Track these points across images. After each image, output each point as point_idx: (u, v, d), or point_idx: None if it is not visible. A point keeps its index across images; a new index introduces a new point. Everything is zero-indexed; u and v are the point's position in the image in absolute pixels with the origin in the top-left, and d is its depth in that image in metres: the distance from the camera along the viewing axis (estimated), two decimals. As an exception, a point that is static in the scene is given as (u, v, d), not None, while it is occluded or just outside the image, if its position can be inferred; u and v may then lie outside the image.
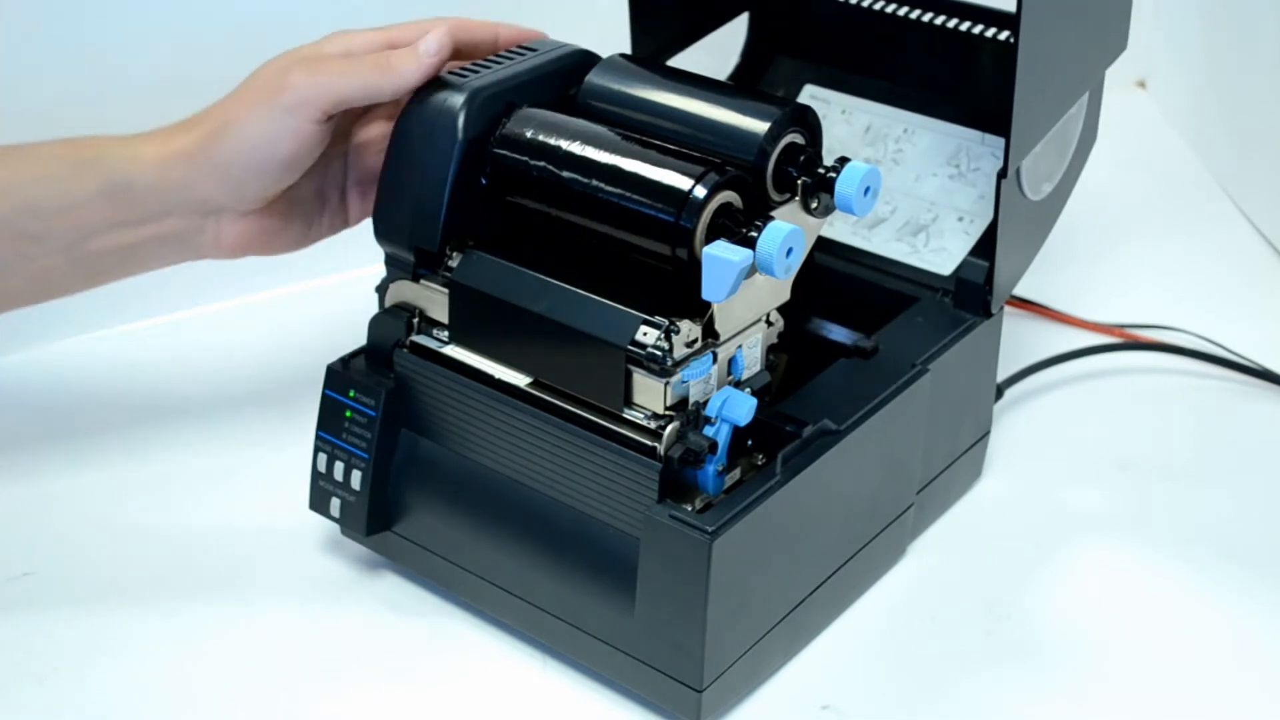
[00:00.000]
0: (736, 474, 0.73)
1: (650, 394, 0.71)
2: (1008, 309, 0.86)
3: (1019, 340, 0.99)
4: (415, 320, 0.79)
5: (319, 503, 0.82)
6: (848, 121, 0.96)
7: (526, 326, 0.74)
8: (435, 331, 0.78)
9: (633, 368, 0.71)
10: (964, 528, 0.87)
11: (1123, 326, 1.03)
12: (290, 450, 0.89)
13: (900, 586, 0.82)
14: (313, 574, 0.83)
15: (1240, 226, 1.17)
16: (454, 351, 0.77)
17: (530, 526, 0.76)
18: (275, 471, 0.89)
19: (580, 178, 0.75)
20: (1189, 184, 1.23)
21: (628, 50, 0.93)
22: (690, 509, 0.70)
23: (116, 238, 0.78)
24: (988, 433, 0.89)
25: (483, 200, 0.78)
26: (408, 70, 0.76)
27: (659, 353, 0.70)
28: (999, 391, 0.91)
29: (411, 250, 0.78)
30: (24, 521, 0.87)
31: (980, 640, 0.79)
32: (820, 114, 0.97)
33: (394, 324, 0.79)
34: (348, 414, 0.79)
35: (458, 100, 0.76)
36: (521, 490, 0.76)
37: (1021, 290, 0.97)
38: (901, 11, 0.94)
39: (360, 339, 0.81)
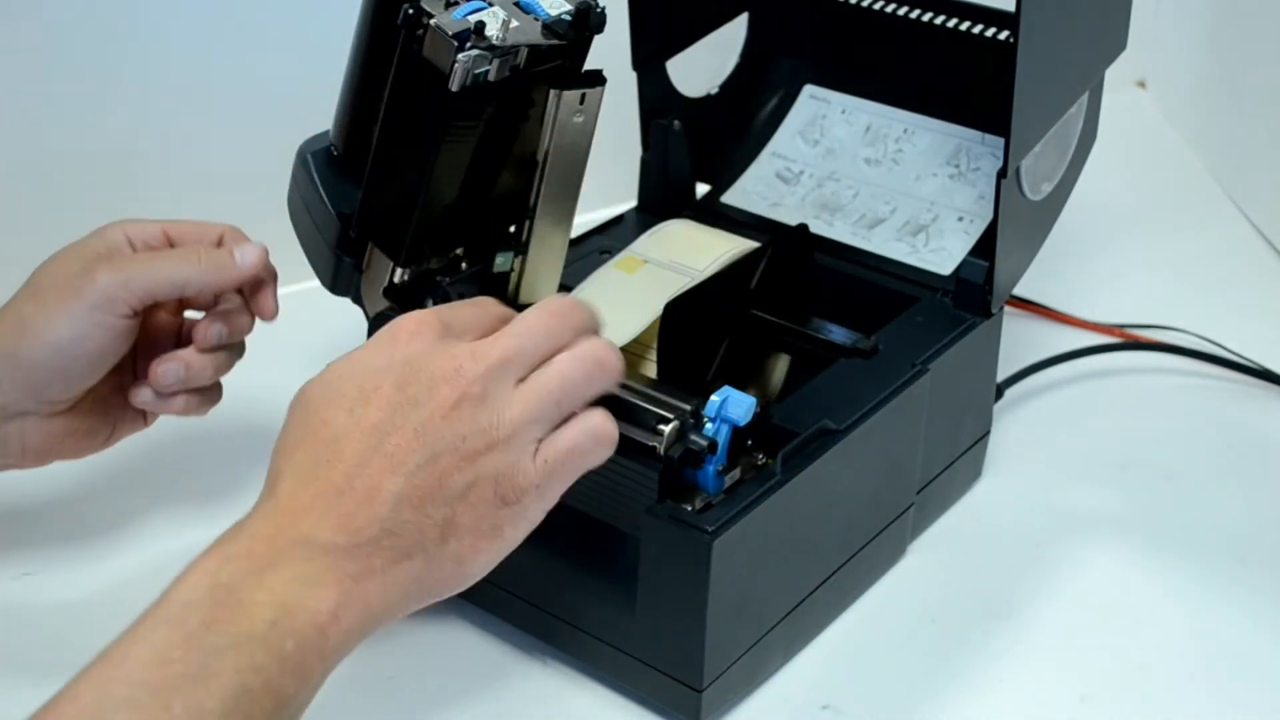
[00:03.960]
0: (736, 474, 0.73)
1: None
2: (1008, 309, 0.86)
3: (1019, 340, 0.99)
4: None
5: (319, 503, 0.81)
6: (848, 121, 0.96)
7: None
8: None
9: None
10: (964, 528, 0.87)
11: (1123, 326, 1.02)
12: (290, 450, 0.89)
13: (900, 586, 0.82)
14: (313, 574, 0.83)
15: (1240, 226, 1.17)
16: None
17: (530, 526, 0.76)
18: (275, 471, 0.89)
19: None
20: (1189, 184, 1.23)
21: (627, 51, 0.93)
22: (690, 509, 0.70)
23: None
24: (988, 433, 0.89)
25: None
26: (226, 267, 0.74)
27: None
28: (999, 391, 0.91)
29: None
30: (24, 522, 0.87)
31: (980, 640, 0.79)
32: (820, 114, 0.97)
33: (394, 324, 0.79)
34: (348, 414, 0.79)
35: None
36: (521, 490, 0.76)
37: (1021, 290, 0.97)
38: (901, 11, 0.94)
39: (360, 339, 0.81)
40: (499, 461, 0.62)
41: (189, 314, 0.79)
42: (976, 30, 0.92)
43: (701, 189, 0.98)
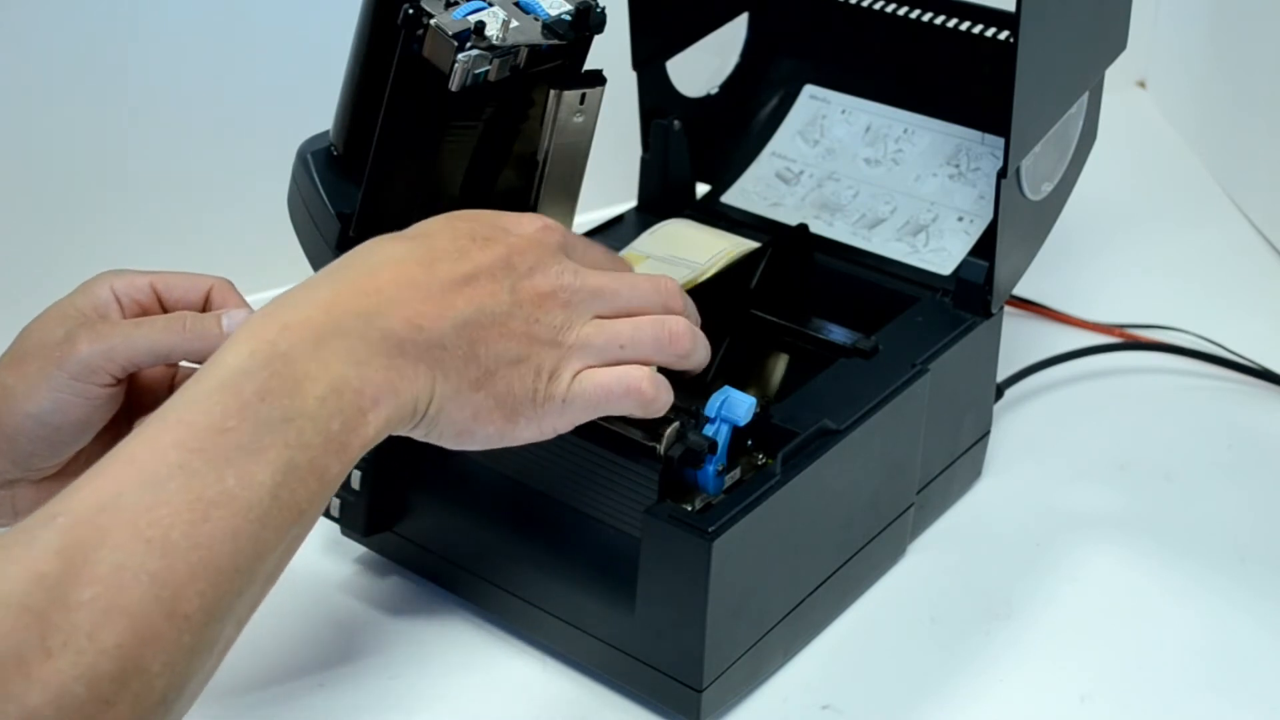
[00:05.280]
0: (736, 474, 0.73)
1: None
2: (1008, 309, 0.86)
3: (1019, 340, 0.99)
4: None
5: (319, 503, 0.81)
6: (848, 121, 0.96)
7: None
8: None
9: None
10: (964, 528, 0.87)
11: (1123, 326, 1.03)
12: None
13: (900, 586, 0.82)
14: (313, 574, 0.83)
15: (1240, 226, 1.17)
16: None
17: (530, 526, 0.76)
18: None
19: None
20: (1189, 184, 1.23)
21: (627, 51, 0.93)
22: (690, 509, 0.70)
23: None
24: (988, 433, 0.89)
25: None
26: (212, 335, 0.71)
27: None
28: (999, 391, 0.91)
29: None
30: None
31: (980, 640, 0.79)
32: (820, 114, 0.97)
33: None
34: (348, 414, 0.79)
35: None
36: (521, 490, 0.76)
37: (1021, 290, 0.97)
38: (901, 11, 0.94)
39: (360, 339, 0.80)
40: (550, 358, 0.65)
41: (184, 365, 0.76)
42: (976, 30, 0.92)
43: (701, 189, 0.98)
